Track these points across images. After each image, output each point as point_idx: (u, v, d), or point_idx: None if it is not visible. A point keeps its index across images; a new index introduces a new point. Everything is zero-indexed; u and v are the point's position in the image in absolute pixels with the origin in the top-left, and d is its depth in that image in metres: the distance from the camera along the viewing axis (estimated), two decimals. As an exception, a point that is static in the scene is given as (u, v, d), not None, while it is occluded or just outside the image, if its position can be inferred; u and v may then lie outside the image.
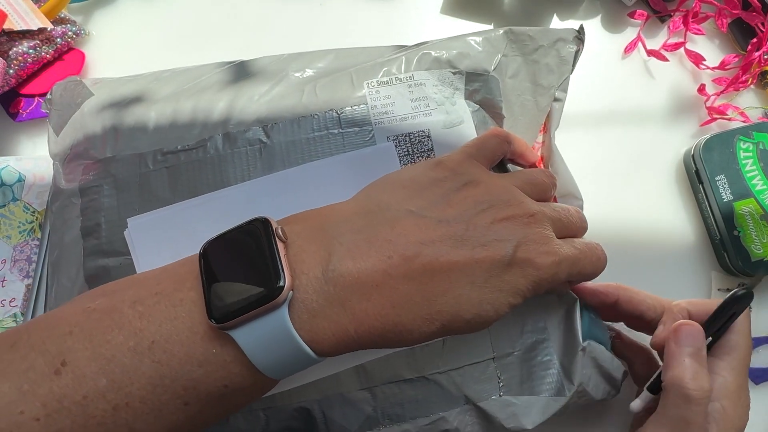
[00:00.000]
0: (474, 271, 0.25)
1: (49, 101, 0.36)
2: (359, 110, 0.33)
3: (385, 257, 0.24)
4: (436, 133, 0.33)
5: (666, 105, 0.45)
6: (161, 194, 0.32)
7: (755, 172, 0.40)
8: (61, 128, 0.35)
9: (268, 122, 0.32)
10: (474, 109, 0.34)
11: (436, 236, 0.25)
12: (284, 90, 0.34)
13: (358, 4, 0.47)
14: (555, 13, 0.47)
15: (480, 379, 0.31)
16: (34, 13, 0.43)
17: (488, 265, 0.25)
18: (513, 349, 0.32)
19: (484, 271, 0.25)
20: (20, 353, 0.23)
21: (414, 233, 0.25)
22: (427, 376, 0.31)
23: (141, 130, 0.33)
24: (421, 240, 0.25)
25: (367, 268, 0.24)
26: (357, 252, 0.24)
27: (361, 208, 0.27)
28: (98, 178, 0.32)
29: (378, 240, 0.25)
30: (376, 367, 0.31)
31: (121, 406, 0.22)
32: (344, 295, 0.24)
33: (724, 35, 0.47)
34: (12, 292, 0.37)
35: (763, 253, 0.39)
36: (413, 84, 0.33)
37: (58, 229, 0.34)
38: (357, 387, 0.30)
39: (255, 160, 0.32)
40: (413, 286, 0.24)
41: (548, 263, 0.26)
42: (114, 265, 0.31)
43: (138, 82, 0.36)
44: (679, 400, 0.29)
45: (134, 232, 0.31)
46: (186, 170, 0.32)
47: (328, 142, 0.32)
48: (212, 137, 0.32)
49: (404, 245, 0.25)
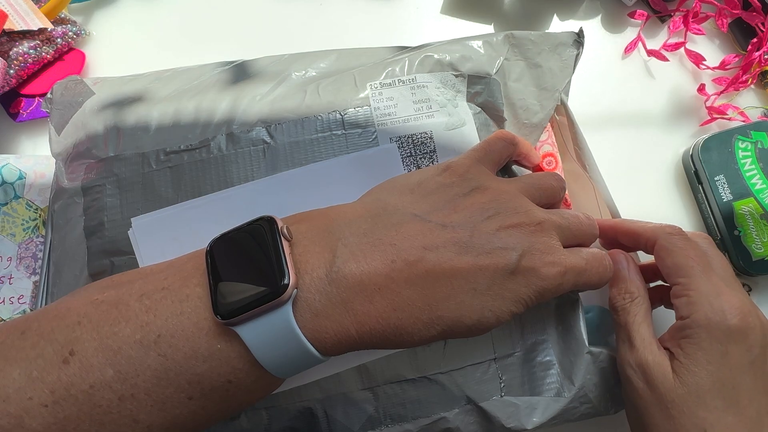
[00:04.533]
0: (477, 278, 0.25)
1: (50, 100, 0.36)
2: (362, 111, 0.33)
3: (389, 261, 0.24)
4: (439, 135, 0.33)
5: (666, 105, 0.45)
6: (164, 194, 0.32)
7: (754, 171, 0.40)
8: (62, 127, 0.35)
9: (272, 122, 0.32)
10: (476, 111, 0.34)
11: (440, 241, 0.25)
12: (287, 90, 0.34)
13: (357, 4, 0.47)
14: (555, 14, 0.48)
15: (481, 380, 0.31)
16: (35, 14, 0.43)
17: (491, 273, 0.25)
18: (514, 350, 0.32)
19: (487, 278, 0.25)
20: (30, 341, 0.23)
21: (418, 238, 0.25)
22: (429, 377, 0.31)
23: (143, 130, 0.33)
24: (424, 245, 0.25)
25: (370, 271, 0.24)
26: (361, 255, 0.25)
27: (367, 211, 0.27)
28: (101, 177, 0.33)
29: (382, 243, 0.25)
30: (378, 367, 0.31)
31: (127, 397, 0.23)
32: (347, 297, 0.24)
33: (725, 35, 0.47)
34: (20, 289, 0.37)
35: (763, 252, 0.39)
36: (416, 86, 0.34)
37: (60, 228, 0.34)
38: (359, 387, 0.31)
39: (258, 161, 0.32)
40: (415, 290, 0.24)
41: (553, 274, 0.26)
42: (118, 264, 0.31)
43: (140, 82, 0.36)
44: (612, 311, 0.32)
45: (138, 231, 0.31)
46: (189, 170, 0.32)
47: (331, 143, 0.32)
48: (215, 137, 0.32)
49: (408, 249, 0.25)
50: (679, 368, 0.28)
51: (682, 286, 0.30)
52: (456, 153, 0.33)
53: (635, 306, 0.31)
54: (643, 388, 0.29)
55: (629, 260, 0.32)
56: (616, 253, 0.33)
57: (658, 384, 0.28)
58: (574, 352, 0.32)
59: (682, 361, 0.28)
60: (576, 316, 0.33)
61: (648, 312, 0.31)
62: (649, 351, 0.29)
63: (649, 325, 0.30)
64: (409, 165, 0.32)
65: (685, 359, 0.28)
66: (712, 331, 0.28)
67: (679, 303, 0.29)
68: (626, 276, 0.32)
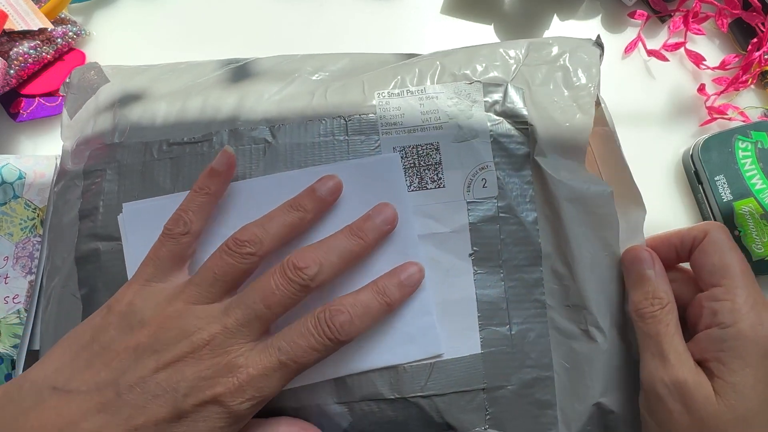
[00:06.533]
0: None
1: (67, 84, 0.37)
2: (367, 119, 0.32)
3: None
4: (446, 147, 0.32)
5: (666, 105, 0.45)
6: (162, 184, 0.32)
7: (754, 171, 0.40)
8: (75, 112, 0.36)
9: (276, 122, 0.32)
10: (495, 122, 0.33)
11: (80, 415, 0.22)
12: (295, 91, 0.34)
13: (357, 4, 0.47)
14: (555, 13, 0.47)
15: (465, 409, 0.30)
16: (35, 14, 0.43)
17: (154, 428, 0.22)
18: (507, 383, 0.30)
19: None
20: None
21: (53, 419, 0.21)
22: (408, 398, 0.30)
23: (150, 121, 0.33)
24: (61, 426, 0.21)
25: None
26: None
27: (17, 389, 0.23)
28: (103, 162, 0.33)
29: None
30: (355, 382, 0.30)
31: None
32: None
33: (725, 35, 0.47)
34: (15, 288, 0.37)
35: (764, 252, 0.39)
36: (425, 97, 0.33)
37: (58, 210, 0.34)
38: (334, 400, 0.30)
39: (258, 159, 0.32)
40: None
41: (234, 387, 0.23)
42: (105, 249, 0.31)
43: (153, 72, 0.36)
44: (637, 319, 0.28)
45: (127, 216, 0.31)
46: (189, 163, 0.32)
47: (332, 148, 0.32)
48: (219, 132, 0.32)
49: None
50: (723, 389, 0.25)
51: (726, 289, 0.26)
52: (462, 166, 0.32)
53: (666, 314, 0.27)
54: (679, 411, 0.25)
55: (655, 259, 0.29)
56: (639, 249, 0.29)
57: (699, 407, 0.25)
58: (580, 397, 0.30)
59: (726, 381, 0.25)
60: (593, 361, 0.30)
61: (678, 321, 0.28)
62: (688, 368, 0.26)
63: (681, 337, 0.27)
64: (412, 176, 0.32)
65: (731, 377, 0.25)
66: (761, 345, 0.25)
67: (719, 308, 0.26)
68: (652, 278, 0.28)
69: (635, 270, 0.29)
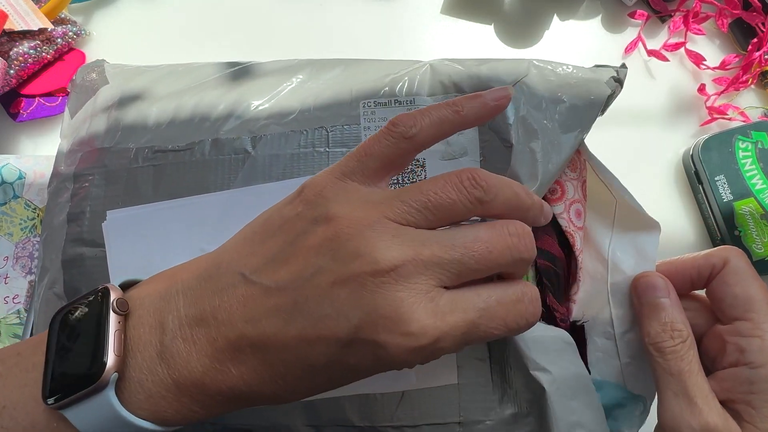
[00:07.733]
0: (309, 354, 0.21)
1: (73, 82, 0.37)
2: (350, 130, 0.31)
3: (212, 339, 0.21)
4: (432, 165, 0.30)
5: (666, 105, 0.45)
6: (144, 191, 0.32)
7: (754, 171, 0.40)
8: (77, 111, 0.36)
9: (258, 133, 0.32)
10: (485, 138, 0.30)
11: (261, 312, 0.21)
12: (284, 99, 0.33)
13: (357, 4, 0.47)
14: (555, 13, 0.47)
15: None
16: (35, 14, 0.43)
17: (324, 347, 0.21)
18: (486, 418, 0.28)
19: (321, 353, 0.21)
20: None
21: (238, 308, 0.21)
22: (378, 427, 0.28)
23: (141, 126, 0.33)
24: (245, 317, 0.21)
25: (195, 352, 0.22)
26: (188, 330, 0.22)
27: (204, 270, 0.23)
28: (92, 166, 0.33)
29: (205, 316, 0.22)
30: (324, 406, 0.29)
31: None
32: (177, 378, 0.21)
33: (725, 35, 0.47)
34: (15, 288, 0.37)
35: (764, 252, 0.39)
36: (413, 108, 0.31)
37: (50, 210, 0.34)
38: (304, 422, 0.29)
39: (236, 170, 0.31)
40: (246, 368, 0.21)
41: (406, 349, 0.20)
42: (90, 255, 0.31)
43: (153, 74, 0.36)
44: (655, 354, 0.26)
45: (111, 225, 0.31)
46: (171, 171, 0.32)
47: (312, 160, 0.31)
48: (202, 141, 0.32)
49: (228, 325, 0.21)
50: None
51: (753, 323, 0.24)
52: None
53: (688, 350, 0.25)
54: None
55: (670, 288, 0.27)
56: (653, 276, 0.27)
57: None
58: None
59: (758, 427, 0.23)
60: (585, 400, 0.28)
61: (699, 357, 0.25)
62: (716, 413, 0.24)
63: (704, 376, 0.25)
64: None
65: (763, 424, 0.23)
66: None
67: (747, 345, 0.24)
68: (668, 307, 0.26)
69: (649, 298, 0.27)
